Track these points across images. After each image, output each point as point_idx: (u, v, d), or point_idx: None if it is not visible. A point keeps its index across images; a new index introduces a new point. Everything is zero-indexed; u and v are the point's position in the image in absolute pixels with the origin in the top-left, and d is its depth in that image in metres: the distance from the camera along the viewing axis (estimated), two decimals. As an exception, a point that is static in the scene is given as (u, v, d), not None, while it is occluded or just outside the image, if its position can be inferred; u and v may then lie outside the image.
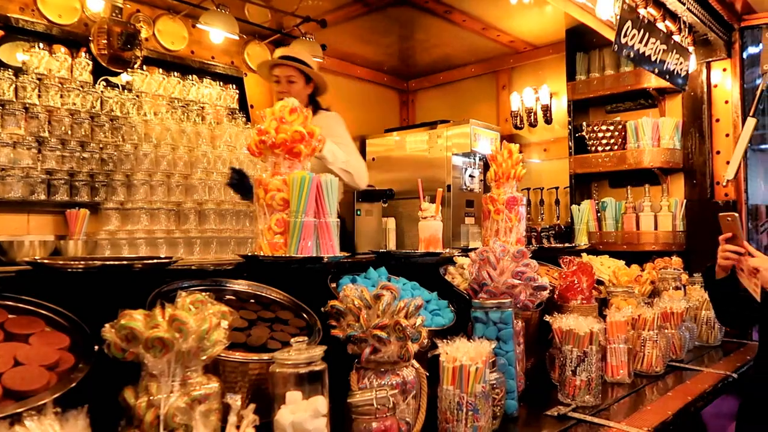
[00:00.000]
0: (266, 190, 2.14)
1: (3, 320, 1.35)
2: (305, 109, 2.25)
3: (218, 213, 4.10)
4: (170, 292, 1.70)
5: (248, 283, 1.99)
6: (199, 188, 4.07)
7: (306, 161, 2.25)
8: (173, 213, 3.96)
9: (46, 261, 1.60)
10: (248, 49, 5.71)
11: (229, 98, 5.22)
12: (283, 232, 2.10)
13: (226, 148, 4.36)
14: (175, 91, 4.76)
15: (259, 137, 2.18)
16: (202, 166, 4.15)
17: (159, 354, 1.24)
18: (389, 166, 6.65)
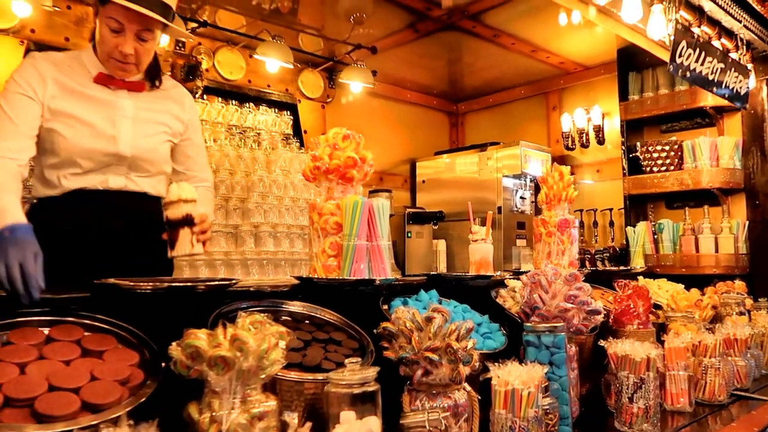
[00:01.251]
0: (320, 214, 2.18)
1: (80, 337, 1.44)
2: (357, 135, 2.30)
3: (273, 235, 4.20)
4: (230, 312, 1.76)
5: (303, 304, 2.03)
6: (255, 211, 4.18)
7: (358, 186, 2.30)
8: (231, 235, 4.08)
9: (118, 282, 1.69)
10: (302, 76, 5.87)
11: (284, 124, 5.35)
12: (337, 254, 2.14)
13: (280, 173, 4.48)
14: (233, 118, 4.92)
15: (314, 163, 2.24)
16: (258, 190, 4.27)
17: (221, 372, 1.30)
18: (439, 188, 6.67)
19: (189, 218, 1.83)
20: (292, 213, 4.44)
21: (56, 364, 1.34)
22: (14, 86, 2.17)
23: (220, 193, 4.12)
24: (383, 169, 6.70)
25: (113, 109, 2.31)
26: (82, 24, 4.56)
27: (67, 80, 2.25)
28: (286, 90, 5.76)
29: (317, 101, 6.03)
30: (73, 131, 2.22)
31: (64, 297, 1.58)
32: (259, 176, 4.34)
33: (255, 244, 4.16)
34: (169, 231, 1.83)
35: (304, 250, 4.37)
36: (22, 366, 1.28)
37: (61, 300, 1.56)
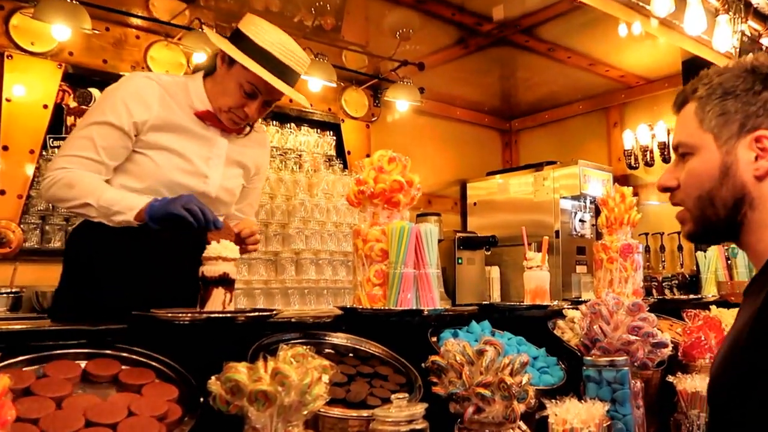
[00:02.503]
0: (365, 240, 2.19)
1: (117, 372, 1.48)
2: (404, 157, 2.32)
3: (315, 263, 4.24)
4: (271, 344, 1.78)
5: (347, 336, 2.04)
6: (296, 237, 4.23)
7: (405, 210, 2.31)
8: (271, 263, 4.13)
9: (156, 313, 1.73)
10: (345, 95, 5.94)
11: (327, 145, 5.42)
12: (382, 283, 2.14)
13: (323, 196, 4.53)
14: (273, 139, 5.00)
15: (358, 187, 2.26)
16: (299, 215, 4.32)
17: (262, 407, 1.32)
18: (492, 210, 6.63)
19: (225, 278, 1.85)
20: (335, 239, 4.47)
21: (93, 398, 1.37)
22: (111, 111, 2.27)
23: (259, 219, 4.18)
24: (432, 191, 6.71)
25: (210, 148, 2.42)
26: (121, 46, 4.71)
27: (171, 109, 2.34)
28: (329, 109, 5.83)
29: (361, 120, 6.09)
30: (167, 161, 2.32)
31: (101, 329, 1.62)
32: (300, 200, 4.39)
33: (296, 272, 4.20)
34: (203, 288, 1.86)
35: (347, 279, 4.39)
36: (59, 400, 1.31)
37: (98, 332, 1.60)
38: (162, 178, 2.30)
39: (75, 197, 2.18)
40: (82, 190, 2.18)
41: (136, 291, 2.21)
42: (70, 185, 2.19)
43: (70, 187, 2.18)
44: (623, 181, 6.28)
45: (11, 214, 4.16)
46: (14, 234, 4.08)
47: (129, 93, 2.28)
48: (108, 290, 2.25)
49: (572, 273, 5.93)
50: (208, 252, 1.83)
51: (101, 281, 2.29)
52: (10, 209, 4.15)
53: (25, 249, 4.13)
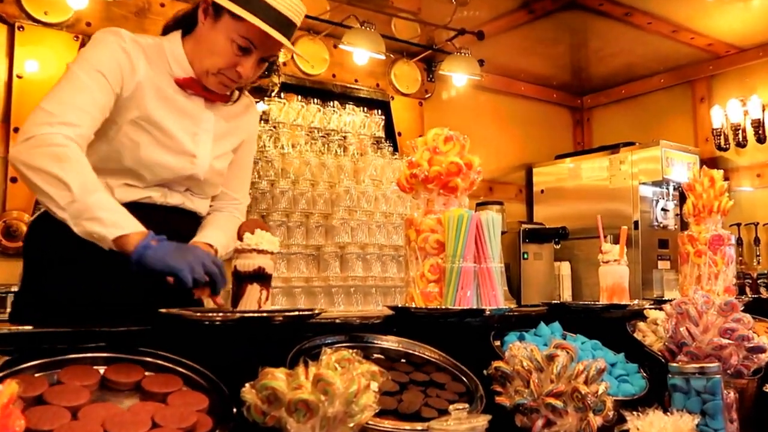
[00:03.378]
0: (418, 231, 2.19)
1: (140, 378, 1.47)
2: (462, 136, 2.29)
3: (362, 258, 4.22)
4: (313, 348, 1.78)
5: (398, 339, 2.04)
6: (341, 230, 4.21)
7: (463, 197, 2.29)
8: (312, 258, 4.12)
9: (183, 313, 1.73)
10: (395, 69, 5.92)
11: (374, 125, 5.39)
12: (438, 279, 2.14)
13: (371, 183, 4.50)
14: (314, 119, 4.99)
15: (410, 171, 2.26)
16: (344, 204, 4.29)
17: (303, 419, 1.31)
18: (561, 199, 6.59)
19: (261, 273, 1.84)
20: (384, 231, 4.44)
21: (113, 407, 1.37)
22: (105, 62, 2.09)
23: (299, 208, 4.17)
24: (493, 177, 6.66)
25: (196, 122, 2.28)
26: (144, 15, 4.75)
27: (155, 75, 2.19)
28: (377, 85, 5.82)
29: (413, 97, 6.07)
30: (149, 140, 2.16)
31: (121, 330, 1.62)
32: (345, 187, 4.37)
33: (341, 268, 4.18)
34: (236, 284, 1.85)
35: (398, 275, 4.36)
36: (74, 410, 1.31)
37: (118, 333, 1.60)
38: (143, 160, 2.14)
39: (55, 174, 1.89)
40: (71, 171, 1.90)
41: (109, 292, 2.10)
42: (59, 157, 1.91)
43: (58, 160, 1.91)
44: (711, 164, 6.15)
45: (23, 204, 4.21)
46: (27, 226, 4.11)
47: (120, 49, 2.13)
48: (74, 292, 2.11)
49: (653, 269, 5.85)
50: (242, 243, 1.82)
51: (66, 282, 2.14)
52: (22, 198, 4.20)
53: None
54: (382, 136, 5.44)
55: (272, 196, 4.09)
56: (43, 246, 2.21)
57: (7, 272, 3.94)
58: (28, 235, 2.33)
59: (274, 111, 4.74)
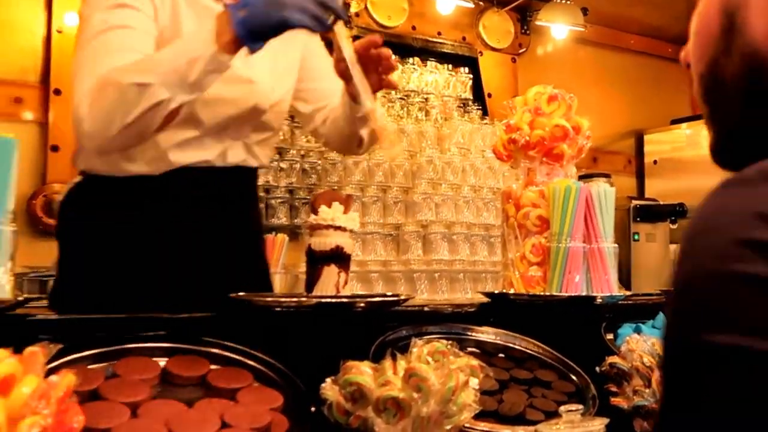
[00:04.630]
0: (518, 205, 2.18)
1: (205, 372, 1.48)
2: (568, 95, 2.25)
3: (448, 238, 4.19)
4: (399, 340, 1.77)
5: (496, 330, 2.03)
6: (423, 206, 4.19)
7: (570, 166, 2.27)
8: (390, 239, 4.11)
9: (251, 298, 1.74)
10: (484, 19, 5.84)
11: (460, 85, 5.35)
12: (541, 262, 2.13)
13: (457, 152, 4.46)
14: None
15: (508, 135, 2.24)
16: (426, 176, 4.27)
17: (393, 419, 1.30)
18: (677, 171, 6.45)
19: (339, 253, 1.83)
20: (473, 207, 4.41)
21: (176, 405, 1.37)
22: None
23: (375, 181, 4.17)
24: (597, 145, 6.53)
25: None
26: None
27: None
28: (463, 39, 5.75)
29: (505, 53, 5.98)
30: None
31: (183, 317, 1.63)
32: (427, 157, 4.34)
33: (423, 250, 4.17)
34: (310, 265, 1.84)
35: (489, 259, 4.33)
36: (134, 407, 1.32)
37: (179, 321, 1.62)
38: None
39: (119, 95, 1.80)
40: (120, 76, 1.82)
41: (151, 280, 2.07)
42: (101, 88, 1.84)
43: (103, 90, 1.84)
44: None
45: (66, 176, 4.11)
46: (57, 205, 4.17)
47: None
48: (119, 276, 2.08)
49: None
50: (317, 219, 1.82)
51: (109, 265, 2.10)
52: (63, 169, 4.10)
53: None
54: (469, 97, 5.40)
55: (344, 167, 4.10)
56: (80, 225, 2.18)
57: (49, 252, 3.90)
58: (61, 214, 2.27)
59: (346, 69, 4.75)
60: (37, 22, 4.28)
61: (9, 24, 4.16)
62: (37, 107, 4.22)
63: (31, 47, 4.25)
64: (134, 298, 1.92)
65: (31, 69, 4.23)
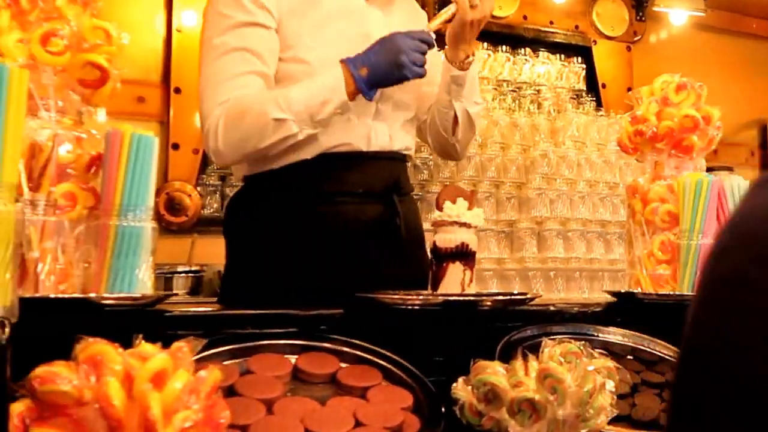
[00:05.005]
0: (645, 200, 2.16)
1: (335, 370, 1.52)
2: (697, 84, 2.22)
3: (563, 235, 4.17)
4: (525, 340, 1.77)
5: (624, 332, 2.01)
6: (538, 202, 4.17)
7: (699, 158, 2.24)
8: (504, 236, 4.10)
9: (378, 296, 1.78)
10: (598, 6, 5.76)
11: (573, 76, 5.31)
12: (671, 260, 2.11)
13: (572, 145, 4.42)
14: (503, 70, 4.96)
15: (634, 127, 2.21)
16: (540, 171, 4.24)
17: (528, 421, 1.31)
18: (810, 165, 6.27)
19: (465, 250, 1.84)
20: (588, 203, 4.37)
21: (309, 402, 1.42)
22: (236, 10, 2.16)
23: (488, 177, 4.17)
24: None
25: (362, 23, 2.29)
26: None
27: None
28: (576, 27, 5.69)
29: (620, 41, 5.89)
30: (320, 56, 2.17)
31: (313, 314, 1.67)
32: (541, 151, 4.32)
33: (538, 247, 4.15)
34: (435, 263, 1.86)
35: (606, 258, 4.29)
36: (269, 403, 1.37)
37: (309, 318, 1.66)
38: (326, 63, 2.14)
39: (258, 125, 2.06)
40: (259, 109, 2.06)
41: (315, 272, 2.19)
42: (239, 116, 2.07)
43: (242, 117, 2.07)
44: None
45: (186, 174, 4.33)
46: (191, 199, 4.26)
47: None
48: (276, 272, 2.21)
49: None
50: (442, 215, 1.83)
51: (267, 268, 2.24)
52: (185, 167, 4.32)
53: (203, 218, 4.29)
54: (583, 88, 5.36)
55: (456, 162, 4.10)
56: (243, 224, 2.33)
57: (171, 250, 4.00)
58: (228, 213, 2.46)
59: (456, 62, 4.75)
60: (157, 22, 4.41)
61: (131, 24, 4.21)
62: (159, 106, 4.36)
63: (152, 47, 4.39)
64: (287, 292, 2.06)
65: (152, 68, 4.38)
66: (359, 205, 2.25)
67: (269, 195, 2.25)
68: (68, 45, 1.38)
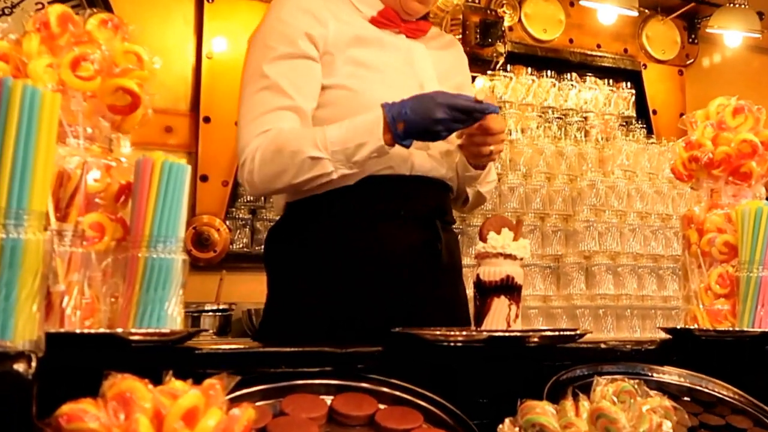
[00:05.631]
0: (701, 231, 2.14)
1: (373, 411, 1.51)
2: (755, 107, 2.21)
3: (613, 271, 4.15)
4: (575, 379, 1.76)
5: (680, 371, 1.99)
6: (586, 235, 4.16)
7: (758, 186, 2.22)
8: (550, 271, 4.09)
9: (419, 332, 1.78)
10: (648, 29, 5.78)
11: (622, 102, 5.31)
12: (729, 293, 2.08)
13: (621, 175, 4.42)
14: (548, 97, 4.97)
15: (689, 153, 2.20)
16: (588, 202, 4.24)
17: (580, 464, 1.30)
18: None
19: (510, 284, 1.84)
20: (639, 236, 4.35)
21: (348, 447, 1.41)
22: (280, 41, 2.29)
23: (532, 209, 4.16)
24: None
25: (408, 56, 2.44)
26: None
27: (345, 20, 2.37)
28: (625, 51, 5.71)
29: (671, 65, 5.92)
30: (367, 81, 2.32)
31: (349, 352, 1.68)
32: (589, 181, 4.32)
33: (586, 284, 4.14)
34: (479, 297, 1.86)
35: (659, 294, 4.27)
36: (303, 447, 1.37)
37: (345, 356, 1.66)
38: (366, 105, 2.22)
39: (294, 161, 2.16)
40: (296, 145, 2.17)
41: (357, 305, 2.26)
42: (277, 150, 2.19)
43: (279, 152, 2.18)
44: None
45: (215, 207, 4.37)
46: (219, 233, 4.30)
47: (289, 12, 2.33)
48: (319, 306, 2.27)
49: None
50: (486, 246, 1.83)
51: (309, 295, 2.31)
52: (214, 200, 4.36)
53: (232, 253, 4.34)
54: (632, 115, 5.35)
55: (499, 193, 4.11)
56: (285, 252, 2.41)
57: (198, 287, 3.99)
58: (269, 241, 2.52)
59: (498, 87, 4.76)
60: (187, 49, 4.48)
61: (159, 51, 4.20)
62: (187, 136, 4.42)
63: (181, 74, 4.46)
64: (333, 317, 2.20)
65: (181, 97, 4.45)
66: (401, 229, 2.32)
67: (310, 222, 2.32)
68: (99, 70, 1.41)
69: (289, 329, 2.29)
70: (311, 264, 2.31)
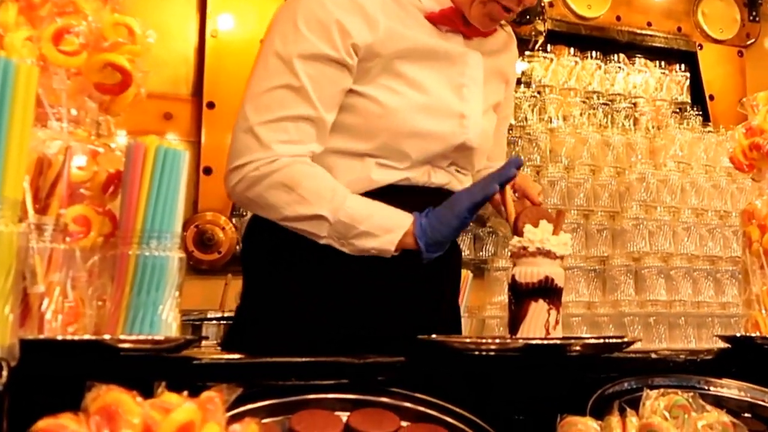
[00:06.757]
0: (763, 227, 2.13)
1: (394, 429, 1.50)
2: None
3: (665, 274, 4.12)
4: (623, 393, 1.75)
5: (739, 384, 1.97)
6: (635, 234, 4.14)
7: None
8: (594, 274, 4.07)
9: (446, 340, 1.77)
10: (704, 5, 5.78)
11: (675, 86, 5.29)
12: (796, 298, 2.07)
13: (674, 167, 4.40)
14: (593, 80, 4.96)
15: (749, 140, 2.19)
16: (637, 197, 4.22)
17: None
18: None
19: (550, 286, 1.81)
20: (694, 235, 4.34)
21: (364, 467, 1.40)
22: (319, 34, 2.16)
23: (575, 205, 4.15)
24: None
25: (461, 68, 2.31)
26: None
27: (400, 18, 2.24)
28: (678, 29, 5.70)
29: (730, 45, 5.91)
30: (402, 100, 2.21)
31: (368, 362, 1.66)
32: (638, 174, 4.30)
33: (635, 289, 4.12)
34: (514, 300, 1.83)
35: (717, 300, 4.25)
36: (315, 469, 1.35)
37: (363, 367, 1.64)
38: (397, 128, 2.18)
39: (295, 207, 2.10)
40: (309, 194, 2.10)
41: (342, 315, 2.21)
42: (289, 185, 2.10)
43: (289, 189, 2.10)
44: None
45: (220, 203, 4.33)
46: (224, 233, 4.27)
47: (344, 8, 2.17)
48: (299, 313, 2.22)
49: None
50: (521, 241, 1.80)
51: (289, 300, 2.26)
52: (218, 195, 4.18)
53: (239, 255, 4.12)
54: (686, 100, 5.34)
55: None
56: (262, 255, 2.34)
57: (201, 293, 3.99)
58: (245, 241, 2.49)
59: (537, 70, 4.76)
60: (188, 26, 4.45)
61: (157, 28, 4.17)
62: (188, 123, 4.39)
63: (182, 55, 4.43)
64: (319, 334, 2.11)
65: (182, 80, 4.42)
66: None
67: None
68: (84, 44, 1.39)
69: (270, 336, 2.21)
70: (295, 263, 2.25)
